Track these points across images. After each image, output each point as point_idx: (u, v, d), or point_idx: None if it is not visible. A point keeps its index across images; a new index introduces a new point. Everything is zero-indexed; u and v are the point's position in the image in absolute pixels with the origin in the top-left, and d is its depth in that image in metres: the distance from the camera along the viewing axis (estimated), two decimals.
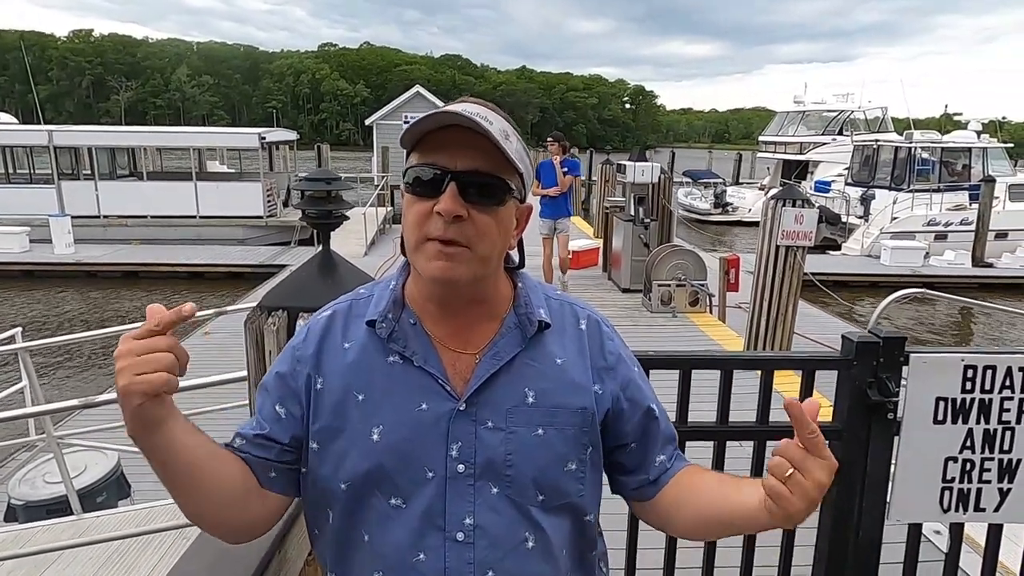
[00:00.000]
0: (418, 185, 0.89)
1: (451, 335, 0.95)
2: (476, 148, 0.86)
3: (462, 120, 0.85)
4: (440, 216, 0.86)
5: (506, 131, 0.89)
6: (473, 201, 0.87)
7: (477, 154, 0.87)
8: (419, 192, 0.89)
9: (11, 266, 12.89)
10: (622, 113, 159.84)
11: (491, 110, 0.91)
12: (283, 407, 0.96)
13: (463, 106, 0.88)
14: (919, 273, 12.94)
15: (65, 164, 15.86)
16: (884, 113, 23.45)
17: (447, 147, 0.87)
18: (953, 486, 1.69)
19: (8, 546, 3.17)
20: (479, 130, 0.84)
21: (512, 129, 0.92)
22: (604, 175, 13.01)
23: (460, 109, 0.86)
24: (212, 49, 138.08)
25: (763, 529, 0.91)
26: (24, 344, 3.89)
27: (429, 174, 0.88)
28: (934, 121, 40.46)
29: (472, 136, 0.85)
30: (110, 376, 8.20)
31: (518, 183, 0.92)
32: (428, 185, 0.88)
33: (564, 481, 0.94)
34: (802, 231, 5.77)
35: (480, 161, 0.87)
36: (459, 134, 0.86)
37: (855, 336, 1.67)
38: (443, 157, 0.87)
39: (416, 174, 0.89)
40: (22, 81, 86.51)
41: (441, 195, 0.86)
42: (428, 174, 0.88)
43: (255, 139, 16.12)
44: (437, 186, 0.87)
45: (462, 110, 0.86)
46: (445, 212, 0.85)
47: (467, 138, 0.86)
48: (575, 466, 0.95)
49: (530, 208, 1.00)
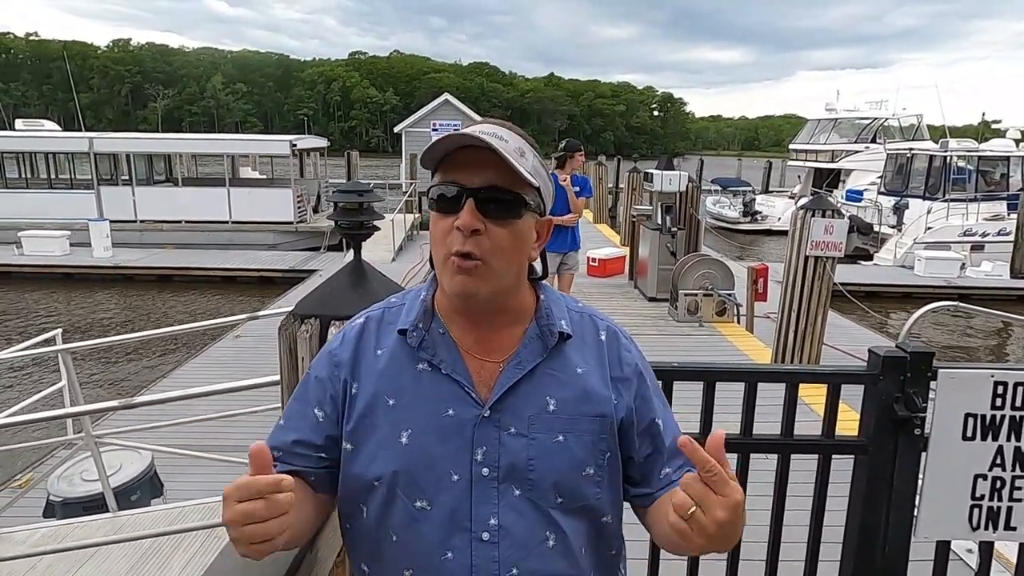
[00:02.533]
0: (441, 202, 0.95)
1: (476, 344, 1.00)
2: (492, 166, 0.91)
3: (477, 141, 0.90)
4: (459, 231, 0.92)
5: (521, 148, 0.95)
6: (491, 216, 0.92)
7: (493, 171, 0.92)
8: (442, 209, 0.95)
9: (52, 269, 13.31)
10: (650, 120, 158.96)
11: (508, 129, 0.97)
12: (321, 410, 1.01)
13: (480, 127, 0.94)
14: (954, 284, 12.65)
15: (104, 170, 16.31)
16: (919, 120, 23.01)
17: (466, 166, 0.93)
18: (983, 504, 1.66)
19: (47, 541, 3.27)
20: (493, 149, 0.89)
21: (528, 146, 0.97)
22: (631, 183, 12.97)
23: (477, 131, 0.92)
24: (246, 57, 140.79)
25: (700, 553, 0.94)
26: (65, 346, 4.02)
27: (451, 191, 0.93)
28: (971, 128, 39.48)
29: (489, 154, 0.91)
30: (145, 375, 8.42)
31: (535, 197, 0.97)
32: (450, 202, 0.94)
33: (582, 485, 0.98)
34: (832, 241, 5.70)
35: (496, 178, 0.92)
36: (477, 153, 0.92)
37: (882, 350, 1.66)
38: (462, 175, 0.93)
39: (439, 192, 0.95)
40: (65, 89, 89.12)
41: (460, 211, 0.92)
42: (449, 191, 0.94)
43: (287, 146, 16.43)
44: (457, 202, 0.93)
45: (479, 131, 0.92)
46: (463, 226, 0.91)
47: (484, 157, 0.91)
48: (593, 471, 0.99)
49: (550, 221, 1.04)
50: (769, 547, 1.83)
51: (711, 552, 0.88)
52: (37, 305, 12.00)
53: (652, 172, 9.01)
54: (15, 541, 3.36)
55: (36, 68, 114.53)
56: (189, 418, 4.01)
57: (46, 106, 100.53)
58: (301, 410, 1.03)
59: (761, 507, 1.83)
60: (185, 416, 4.12)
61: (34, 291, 12.72)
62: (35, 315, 11.38)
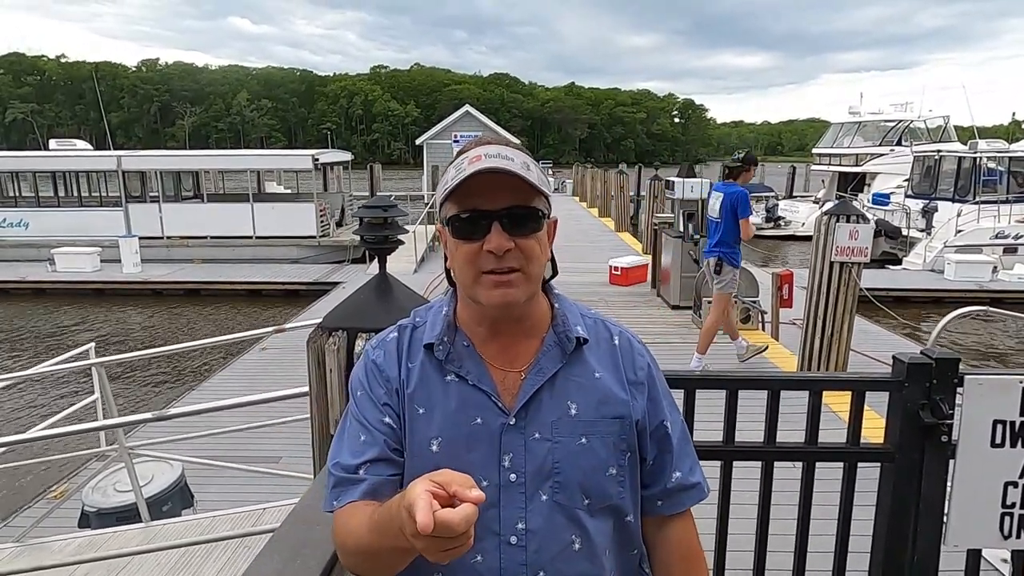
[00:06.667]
0: (464, 229, 0.98)
1: (498, 354, 1.04)
2: (507, 187, 0.96)
3: (495, 170, 0.94)
4: (492, 253, 0.95)
5: (527, 162, 0.98)
6: (516, 233, 0.96)
7: (509, 192, 0.96)
8: (466, 236, 0.98)
9: (84, 285, 13.64)
10: (671, 127, 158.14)
11: (508, 147, 1.00)
12: (389, 418, 1.04)
13: (484, 149, 0.97)
14: (987, 288, 12.38)
15: (134, 187, 16.66)
16: (946, 122, 22.63)
17: (483, 191, 0.96)
18: (1014, 512, 1.64)
19: (83, 550, 3.35)
20: (507, 173, 0.94)
21: (529, 158, 1.01)
22: (652, 191, 12.93)
23: (482, 153, 0.96)
24: (270, 74, 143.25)
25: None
26: (98, 360, 4.11)
27: (473, 219, 0.97)
28: (1002, 129, 38.74)
29: (500, 177, 0.94)
30: (174, 388, 8.57)
31: (545, 204, 1.02)
32: (474, 228, 0.97)
33: (607, 484, 1.02)
34: (857, 247, 5.62)
35: (513, 197, 0.97)
36: (489, 176, 0.94)
37: (906, 357, 1.65)
38: (481, 200, 0.96)
39: (460, 220, 0.98)
40: (96, 109, 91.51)
41: (487, 235, 0.96)
42: (472, 219, 0.97)
43: (309, 161, 16.64)
44: (481, 228, 0.96)
45: (485, 155, 0.95)
46: (497, 248, 0.95)
47: (497, 179, 0.95)
48: (615, 471, 1.03)
49: (555, 220, 1.08)
50: (795, 556, 1.81)
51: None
52: (70, 320, 12.29)
53: (673, 180, 8.99)
54: (53, 550, 3.45)
55: (69, 89, 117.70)
56: (218, 429, 4.08)
57: (79, 126, 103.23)
58: (371, 421, 1.04)
59: (787, 516, 1.83)
60: (214, 428, 4.19)
61: (67, 306, 13.04)
62: (68, 330, 11.66)
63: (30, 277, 13.79)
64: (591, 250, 14.18)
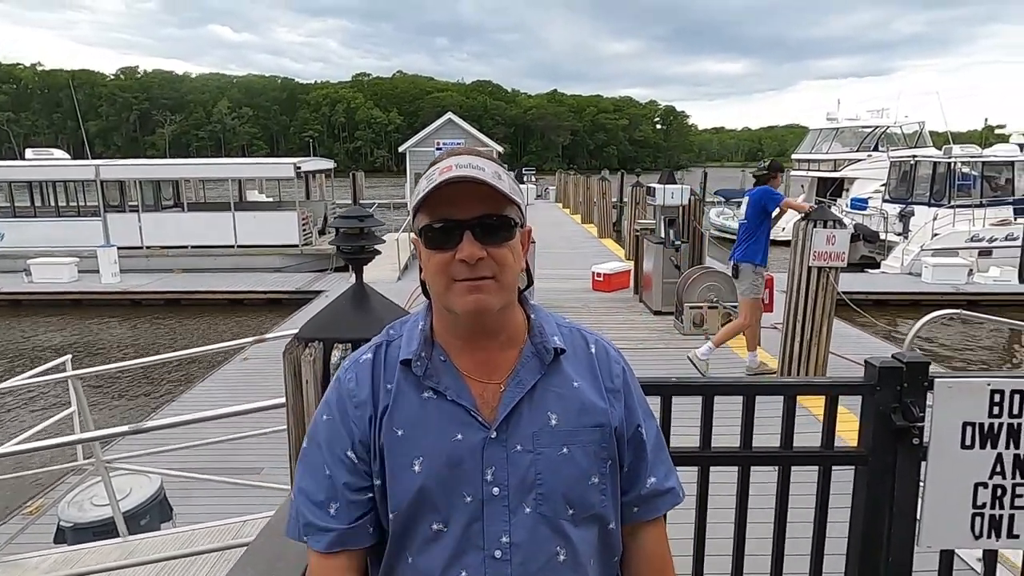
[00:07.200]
0: (436, 239, 0.98)
1: (476, 367, 1.03)
2: (477, 196, 0.96)
3: (467, 179, 0.94)
4: (464, 262, 0.95)
5: (498, 172, 0.99)
6: (488, 242, 0.97)
7: (480, 201, 0.97)
8: (438, 245, 0.98)
9: (61, 295, 13.42)
10: (653, 134, 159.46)
11: (478, 156, 1.01)
12: (353, 452, 1.02)
13: (455, 160, 0.98)
14: (963, 291, 12.59)
15: (112, 197, 16.45)
16: (921, 127, 22.99)
17: (454, 201, 0.96)
18: (984, 512, 1.67)
19: (59, 567, 3.30)
20: (477, 181, 0.94)
21: (500, 167, 1.02)
22: (634, 198, 13.01)
23: (453, 163, 0.96)
24: (251, 82, 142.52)
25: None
26: (75, 372, 4.05)
27: (445, 228, 0.97)
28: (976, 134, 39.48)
29: (471, 186, 0.95)
30: (153, 399, 8.46)
31: (517, 213, 1.02)
32: (446, 237, 0.97)
33: (590, 494, 1.03)
34: (834, 252, 5.70)
35: (484, 206, 0.97)
36: (459, 186, 0.95)
37: (878, 361, 1.68)
38: (453, 210, 0.97)
39: (432, 230, 0.98)
40: (74, 118, 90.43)
41: (459, 244, 0.96)
42: (444, 228, 0.97)
43: (291, 169, 16.55)
44: (454, 237, 0.96)
45: (456, 165, 0.96)
46: (469, 257, 0.95)
47: (468, 188, 0.95)
48: (597, 479, 1.03)
49: (530, 229, 1.09)
50: (773, 559, 1.83)
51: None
52: (47, 332, 12.10)
53: (654, 186, 9.05)
54: (28, 567, 3.39)
55: (46, 97, 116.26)
56: (197, 441, 4.03)
57: (56, 135, 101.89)
58: (330, 461, 1.02)
59: (763, 519, 1.84)
60: (193, 440, 4.14)
61: (44, 317, 12.83)
62: (45, 342, 11.47)
63: (5, 288, 13.53)
64: (574, 256, 14.23)
